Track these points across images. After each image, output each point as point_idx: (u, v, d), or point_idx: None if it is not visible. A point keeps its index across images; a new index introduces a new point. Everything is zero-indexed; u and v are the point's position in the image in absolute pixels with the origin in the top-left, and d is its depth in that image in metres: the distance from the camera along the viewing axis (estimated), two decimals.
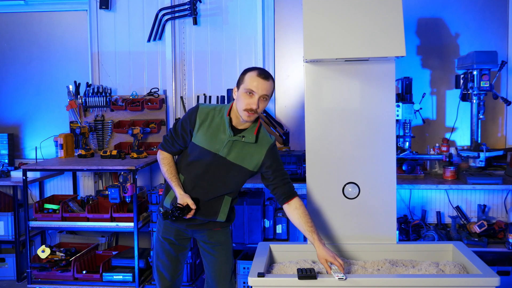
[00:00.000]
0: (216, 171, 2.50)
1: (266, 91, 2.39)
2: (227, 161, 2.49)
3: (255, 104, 2.37)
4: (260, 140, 2.51)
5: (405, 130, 3.90)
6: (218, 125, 2.49)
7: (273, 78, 2.46)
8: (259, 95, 2.37)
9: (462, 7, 4.26)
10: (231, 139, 2.46)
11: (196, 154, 2.52)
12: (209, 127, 2.49)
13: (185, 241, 2.69)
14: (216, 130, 2.48)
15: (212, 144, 2.48)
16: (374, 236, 2.70)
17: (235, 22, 4.45)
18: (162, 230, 2.66)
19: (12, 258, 4.40)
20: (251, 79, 2.38)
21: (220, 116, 2.50)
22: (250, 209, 3.85)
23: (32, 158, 4.63)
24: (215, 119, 2.50)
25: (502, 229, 3.82)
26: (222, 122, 2.49)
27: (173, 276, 2.70)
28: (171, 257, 2.67)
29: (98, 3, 4.54)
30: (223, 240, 2.67)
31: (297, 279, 2.25)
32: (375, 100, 2.66)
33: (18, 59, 4.79)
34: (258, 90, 2.36)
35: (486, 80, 3.73)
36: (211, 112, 2.52)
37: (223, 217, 2.57)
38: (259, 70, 2.43)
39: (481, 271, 2.31)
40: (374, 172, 2.69)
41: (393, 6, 2.53)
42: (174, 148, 2.60)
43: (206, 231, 2.63)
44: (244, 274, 3.77)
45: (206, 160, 2.50)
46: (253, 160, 2.51)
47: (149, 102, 4.42)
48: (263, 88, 2.37)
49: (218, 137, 2.48)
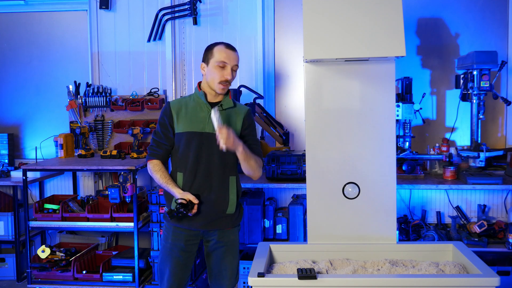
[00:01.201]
0: (209, 149, 2.56)
1: (236, 61, 2.58)
2: (214, 135, 2.53)
3: (229, 74, 2.54)
4: (238, 106, 2.70)
5: (405, 130, 3.90)
6: (194, 108, 2.60)
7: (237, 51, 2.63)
8: (231, 66, 2.54)
9: (462, 7, 4.26)
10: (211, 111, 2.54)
11: (184, 142, 2.58)
12: (186, 113, 2.60)
13: (194, 247, 2.70)
14: (194, 112, 2.59)
15: (196, 125, 2.57)
16: (374, 236, 2.70)
17: (235, 22, 4.46)
18: (171, 236, 2.66)
19: (12, 258, 4.41)
20: (221, 52, 2.55)
21: (192, 100, 2.63)
22: (250, 209, 3.85)
23: (32, 158, 4.63)
24: (188, 104, 2.62)
25: (502, 229, 3.82)
26: (196, 103, 2.61)
27: (181, 283, 2.69)
28: (179, 265, 2.67)
29: (98, 3, 4.54)
30: (233, 239, 2.71)
31: (297, 279, 2.25)
32: (375, 100, 2.66)
33: (18, 59, 4.80)
34: (229, 61, 2.54)
35: (486, 80, 3.73)
36: (182, 100, 2.66)
37: (234, 200, 2.61)
38: (225, 43, 2.61)
39: (481, 271, 2.30)
40: (374, 172, 2.69)
41: (393, 6, 2.53)
42: (161, 149, 2.63)
43: (217, 230, 2.65)
44: (244, 274, 3.78)
45: (196, 143, 2.56)
46: (237, 125, 2.63)
47: (149, 102, 4.42)
48: (233, 58, 2.56)
49: (198, 117, 2.58)
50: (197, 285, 3.81)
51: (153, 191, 3.77)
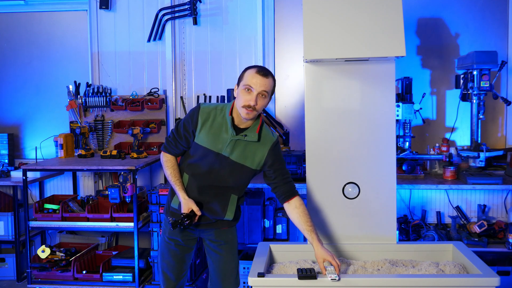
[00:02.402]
0: (220, 170, 2.51)
1: (265, 87, 2.38)
2: (230, 160, 2.48)
3: (253, 100, 2.36)
4: (263, 139, 2.52)
5: (405, 130, 3.90)
6: (220, 125, 2.48)
7: (273, 76, 2.45)
8: (257, 92, 2.37)
9: (462, 7, 4.26)
10: (233, 138, 2.46)
11: (199, 154, 2.52)
12: (211, 126, 2.49)
13: (191, 242, 2.69)
14: (218, 129, 2.48)
15: (215, 144, 2.48)
16: (374, 236, 2.70)
17: (235, 22, 4.45)
18: (168, 231, 2.66)
19: (12, 258, 4.40)
20: (250, 76, 2.39)
21: (222, 116, 2.50)
22: (250, 209, 3.85)
23: (32, 158, 4.63)
24: (217, 118, 2.49)
25: (502, 229, 3.82)
26: (224, 121, 2.48)
27: (178, 277, 2.70)
28: (176, 258, 2.67)
29: (98, 3, 4.54)
30: (230, 238, 2.69)
31: (297, 279, 2.25)
32: (375, 100, 2.66)
33: (18, 59, 4.79)
34: (256, 86, 2.37)
35: (486, 80, 3.73)
36: (213, 111, 2.51)
37: (230, 215, 2.58)
38: (259, 67, 2.43)
39: (481, 271, 2.31)
40: (374, 172, 2.69)
41: (393, 6, 2.53)
42: (177, 149, 2.60)
43: (214, 230, 2.65)
44: (244, 274, 3.77)
45: (209, 160, 2.50)
46: (256, 159, 2.51)
47: (149, 102, 4.42)
48: (261, 84, 2.37)
49: (220, 137, 2.47)
50: (197, 285, 3.81)
51: (153, 191, 3.77)
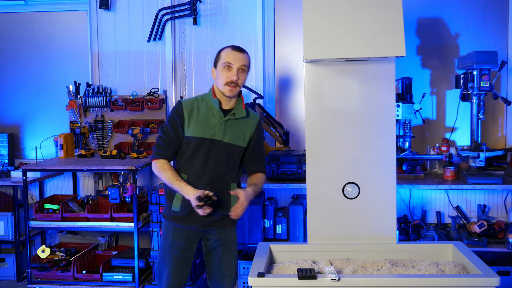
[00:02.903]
0: (216, 157, 2.55)
1: (243, 61, 2.53)
2: (224, 144, 2.55)
3: (235, 75, 2.50)
4: (251, 115, 2.68)
5: (405, 130, 3.90)
6: (206, 112, 2.57)
7: (247, 53, 2.60)
8: (237, 67, 2.51)
9: (462, 7, 4.26)
10: (223, 120, 2.54)
11: (192, 147, 2.56)
12: (198, 116, 2.56)
13: (193, 245, 2.70)
14: (205, 117, 2.56)
15: (206, 131, 2.54)
16: (374, 236, 2.70)
17: (235, 22, 4.45)
18: (171, 235, 2.66)
19: (12, 258, 4.40)
20: (227, 54, 2.53)
21: (204, 104, 2.59)
22: (250, 209, 3.84)
23: (32, 158, 4.63)
24: (201, 107, 2.58)
25: (502, 229, 3.82)
26: (209, 108, 2.57)
27: (181, 281, 2.70)
28: (179, 262, 2.67)
29: (98, 3, 4.54)
30: (232, 237, 2.73)
31: (297, 279, 2.25)
32: (375, 100, 2.66)
33: (18, 59, 4.80)
34: (235, 62, 2.51)
35: (486, 80, 3.73)
36: (195, 102, 2.60)
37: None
38: (233, 46, 2.59)
39: (481, 271, 2.30)
40: (374, 172, 2.69)
41: (393, 6, 2.53)
42: (169, 150, 2.60)
43: (217, 229, 2.66)
44: (244, 274, 3.77)
45: (204, 150, 2.54)
46: (246, 137, 2.62)
47: (149, 102, 4.42)
48: (239, 59, 2.52)
49: (210, 123, 2.55)
50: (197, 285, 3.81)
51: (153, 191, 3.77)
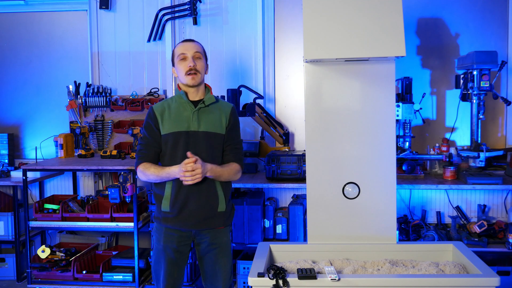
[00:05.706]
0: (196, 148, 2.57)
1: (195, 49, 2.64)
2: (201, 133, 2.59)
3: (191, 62, 2.59)
4: (221, 102, 2.74)
5: (405, 130, 3.90)
6: (177, 108, 2.63)
7: (199, 42, 2.71)
8: (191, 55, 2.61)
9: (462, 7, 4.26)
10: (194, 110, 2.60)
11: (170, 143, 2.60)
12: (169, 113, 2.62)
13: (186, 247, 2.70)
14: (177, 112, 2.62)
15: (180, 124, 2.60)
16: (374, 236, 2.70)
17: (235, 22, 4.45)
18: (163, 238, 2.66)
19: (12, 258, 4.40)
20: (179, 47, 2.66)
21: (174, 101, 2.67)
22: (250, 209, 3.85)
23: (32, 158, 4.63)
24: (171, 105, 2.65)
25: (502, 229, 3.82)
26: (179, 103, 2.64)
27: (175, 283, 2.70)
28: (173, 264, 2.67)
29: (98, 3, 4.54)
30: (225, 240, 2.72)
31: (297, 279, 2.25)
32: (375, 100, 2.66)
33: (18, 59, 4.80)
34: (187, 51, 2.62)
35: (486, 80, 3.73)
36: (165, 103, 2.69)
37: (223, 200, 2.63)
38: (184, 40, 2.74)
39: (481, 271, 2.30)
40: (374, 172, 2.69)
41: (393, 6, 2.53)
42: (149, 151, 2.64)
43: (210, 230, 2.65)
44: (244, 274, 3.78)
45: (182, 142, 2.58)
46: (222, 123, 2.66)
47: (149, 102, 4.42)
48: (190, 47, 2.64)
49: (182, 116, 2.61)
50: (197, 285, 3.81)
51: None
